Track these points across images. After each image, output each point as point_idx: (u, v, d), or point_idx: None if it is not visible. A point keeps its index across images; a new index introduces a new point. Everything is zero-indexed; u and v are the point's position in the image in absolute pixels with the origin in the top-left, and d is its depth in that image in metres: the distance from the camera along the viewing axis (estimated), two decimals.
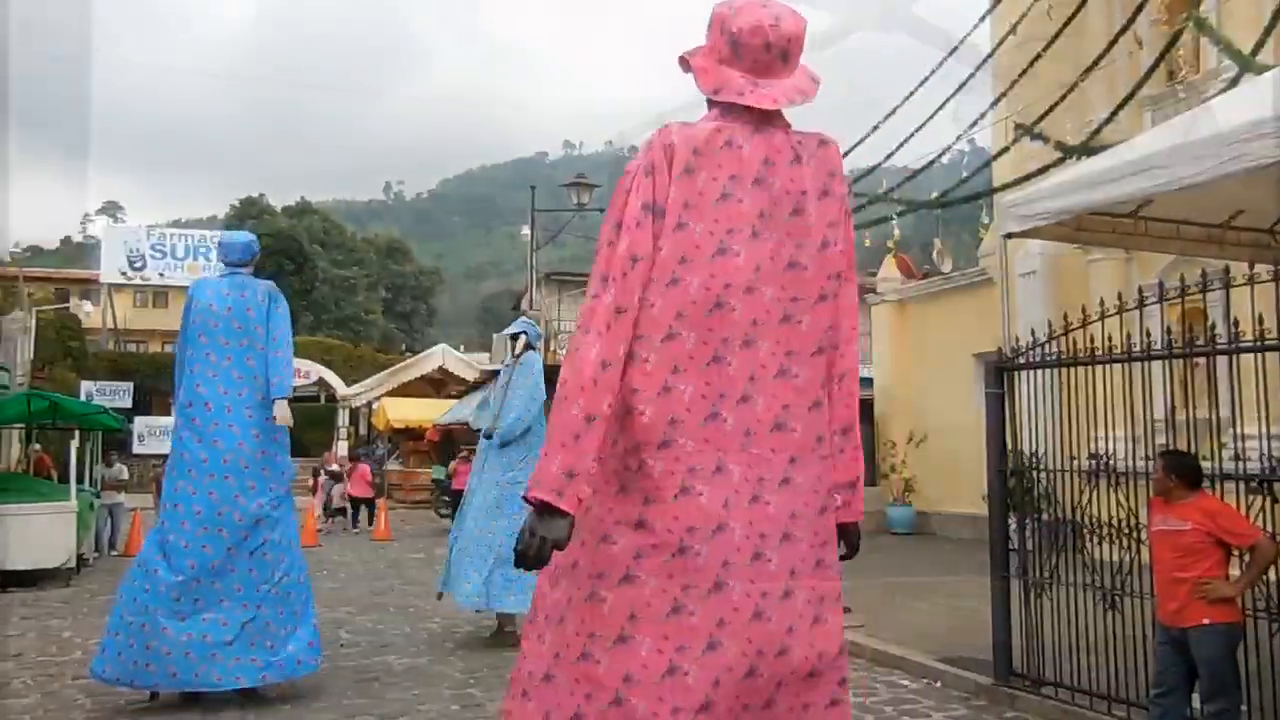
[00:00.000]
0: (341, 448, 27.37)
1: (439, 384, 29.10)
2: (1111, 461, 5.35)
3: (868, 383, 20.52)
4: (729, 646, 2.13)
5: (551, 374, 4.75)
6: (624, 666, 2.10)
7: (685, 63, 2.36)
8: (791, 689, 2.27)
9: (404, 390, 28.10)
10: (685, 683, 2.08)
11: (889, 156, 11.44)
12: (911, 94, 10.98)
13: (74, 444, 12.01)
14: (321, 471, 20.23)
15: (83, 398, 23.98)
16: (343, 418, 29.27)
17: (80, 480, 12.23)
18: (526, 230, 31.50)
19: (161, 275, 40.41)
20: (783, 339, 2.27)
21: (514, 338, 7.88)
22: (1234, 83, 7.61)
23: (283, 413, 5.90)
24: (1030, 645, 5.77)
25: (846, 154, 12.17)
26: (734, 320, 2.22)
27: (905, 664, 6.78)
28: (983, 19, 11.59)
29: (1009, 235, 5.49)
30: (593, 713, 2.11)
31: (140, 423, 28.36)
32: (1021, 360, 5.96)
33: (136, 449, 27.13)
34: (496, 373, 8.40)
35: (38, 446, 15.11)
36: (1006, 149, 9.82)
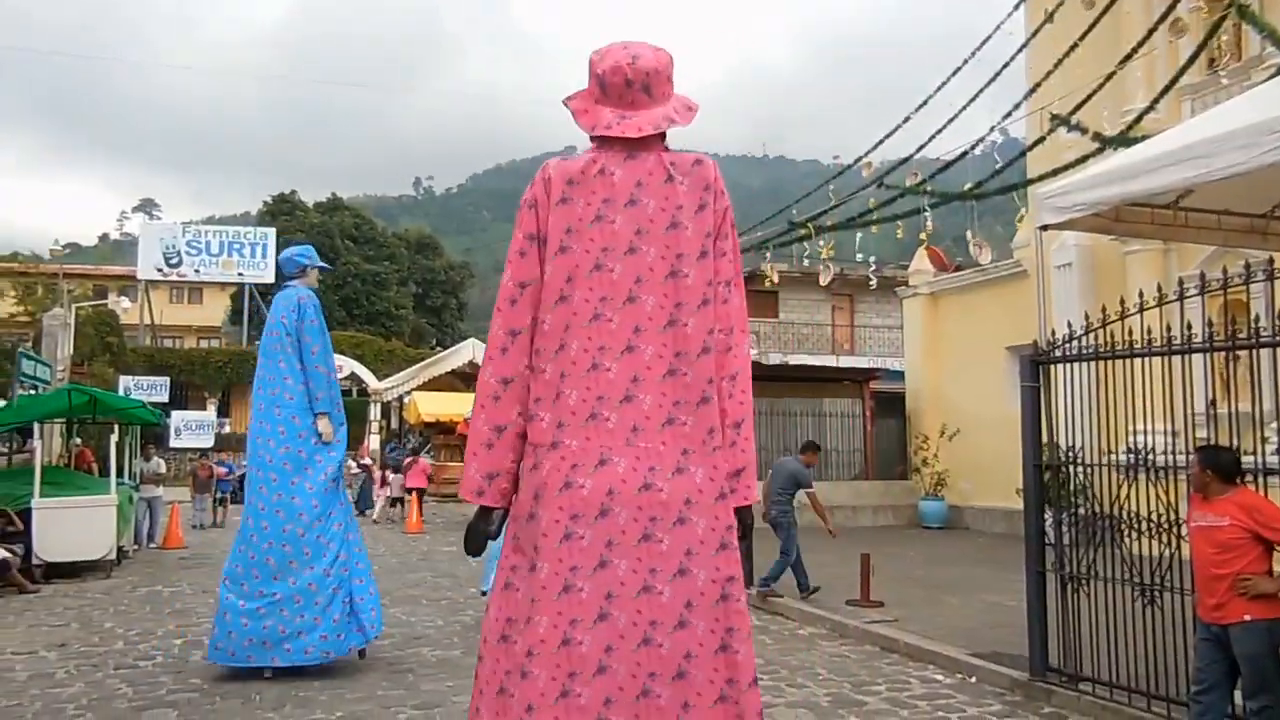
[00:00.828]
0: (373, 441, 27.62)
1: (469, 378, 29.17)
2: (1150, 456, 5.27)
3: (899, 376, 20.39)
4: (619, 616, 2.35)
5: None
6: (527, 644, 2.36)
7: (567, 106, 2.67)
8: (705, 661, 2.41)
9: (434, 384, 28.23)
10: (580, 651, 2.33)
11: (921, 148, 11.32)
12: (944, 84, 10.86)
13: (113, 438, 12.22)
14: (359, 464, 20.84)
15: (121, 392, 24.43)
16: (374, 412, 29.53)
17: (119, 474, 12.42)
18: None
19: (197, 271, 40.92)
20: (669, 342, 2.48)
21: None
22: (1279, 70, 7.45)
23: (323, 427, 6.37)
24: (1067, 640, 5.72)
25: (878, 145, 12.11)
26: (611, 330, 2.47)
27: (939, 658, 6.74)
28: (1017, 6, 11.42)
29: (1045, 227, 5.40)
30: (511, 686, 2.38)
31: (176, 417, 28.81)
32: (1058, 353, 5.88)
33: (173, 443, 27.56)
34: None
35: (79, 440, 15.34)
36: (1042, 139, 9.66)
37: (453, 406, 25.83)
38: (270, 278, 40.71)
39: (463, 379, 29.34)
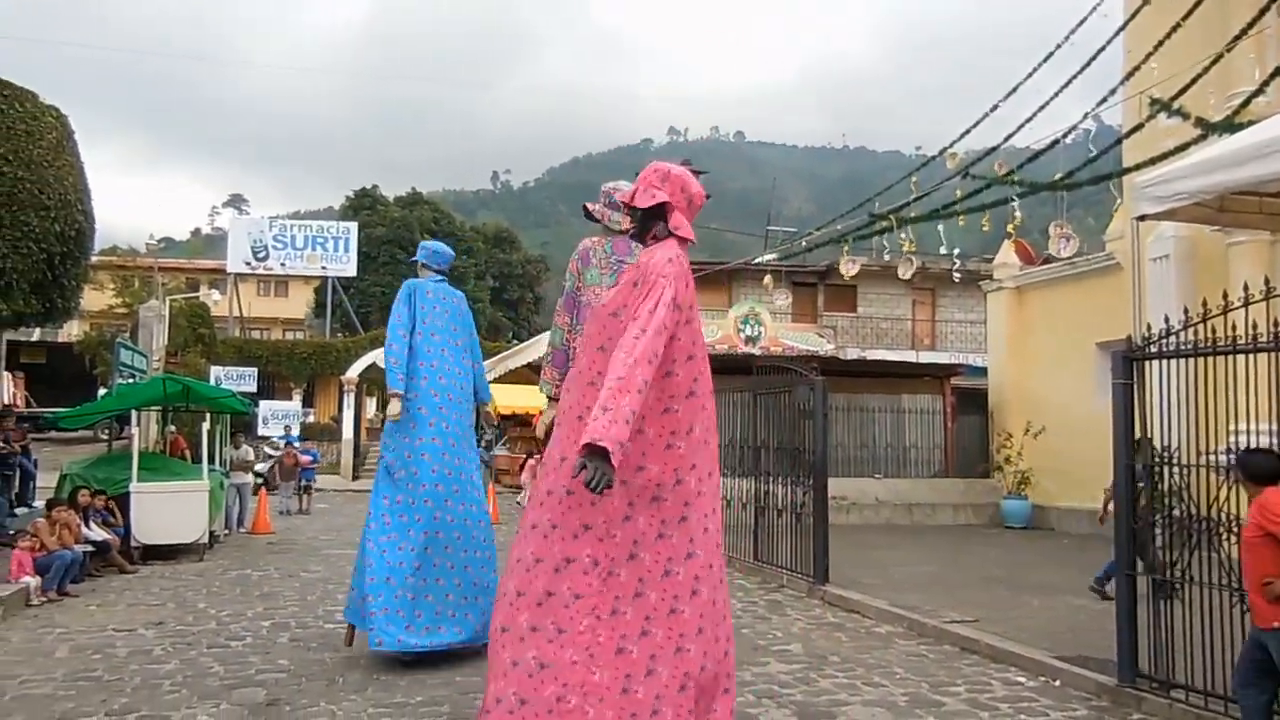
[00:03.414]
0: None
1: None
2: None
3: (981, 372, 19.90)
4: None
5: None
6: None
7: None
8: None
9: (511, 377, 28.59)
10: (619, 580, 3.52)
11: (1009, 137, 11.02)
12: (1036, 69, 10.53)
13: (205, 426, 12.67)
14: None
15: (212, 382, 25.32)
16: None
17: (211, 460, 12.87)
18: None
19: (283, 265, 42.02)
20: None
21: None
22: None
23: (390, 409, 6.50)
24: (1158, 646, 5.51)
25: (965, 134, 11.82)
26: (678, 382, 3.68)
27: (1021, 660, 6.56)
28: None
29: (1143, 217, 5.20)
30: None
31: (264, 406, 29.72)
32: (1154, 349, 5.65)
33: (261, 431, 28.45)
34: None
35: (173, 428, 15.93)
36: (1140, 126, 9.27)
37: (529, 399, 26.10)
38: (352, 271, 41.68)
39: (538, 372, 29.68)
